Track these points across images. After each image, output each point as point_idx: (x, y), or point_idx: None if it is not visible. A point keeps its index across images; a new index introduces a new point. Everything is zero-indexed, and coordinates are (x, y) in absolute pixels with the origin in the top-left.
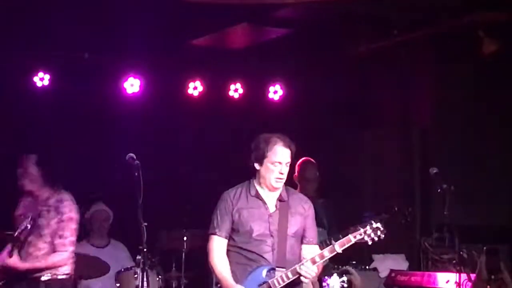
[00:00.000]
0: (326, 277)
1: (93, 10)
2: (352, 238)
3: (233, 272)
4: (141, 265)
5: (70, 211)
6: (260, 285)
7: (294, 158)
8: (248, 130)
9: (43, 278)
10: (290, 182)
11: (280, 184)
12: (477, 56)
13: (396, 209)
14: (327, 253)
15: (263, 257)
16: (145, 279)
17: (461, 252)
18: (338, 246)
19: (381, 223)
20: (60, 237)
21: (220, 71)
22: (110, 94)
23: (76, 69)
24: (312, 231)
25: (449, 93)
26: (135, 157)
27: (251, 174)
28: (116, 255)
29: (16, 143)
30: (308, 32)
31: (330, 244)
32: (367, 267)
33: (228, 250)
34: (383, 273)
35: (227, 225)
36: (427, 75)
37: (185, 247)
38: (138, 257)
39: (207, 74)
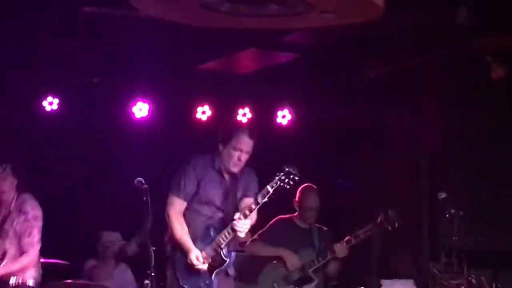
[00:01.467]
0: None
1: (101, 35)
2: (269, 188)
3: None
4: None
5: (33, 209)
6: (209, 243)
7: (302, 182)
8: (256, 155)
9: (10, 282)
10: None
11: (237, 169)
12: (486, 81)
13: (381, 217)
14: (254, 205)
15: (215, 221)
16: None
17: (469, 278)
18: (260, 197)
19: (293, 169)
20: (28, 235)
21: (228, 95)
22: (118, 118)
23: (85, 94)
24: (251, 190)
25: (457, 118)
26: (143, 182)
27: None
28: (123, 279)
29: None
30: (316, 57)
31: (317, 263)
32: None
33: (184, 212)
34: None
35: (190, 190)
36: (436, 100)
37: None
38: (146, 281)
39: (215, 99)
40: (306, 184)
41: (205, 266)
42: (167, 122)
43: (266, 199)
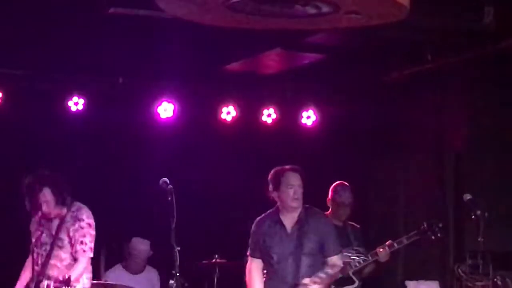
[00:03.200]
0: None
1: (127, 36)
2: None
3: None
4: None
5: (88, 217)
6: None
7: (327, 182)
8: (281, 155)
9: None
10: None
11: (297, 203)
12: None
13: (425, 225)
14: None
15: (288, 273)
16: None
17: (495, 279)
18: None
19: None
20: (81, 243)
21: (253, 96)
22: (143, 119)
23: (110, 94)
24: (330, 246)
25: (483, 118)
26: (168, 182)
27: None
28: (151, 282)
29: (50, 167)
30: (341, 58)
31: (359, 265)
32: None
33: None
34: None
35: (258, 247)
36: (461, 100)
37: (217, 271)
38: (171, 281)
39: (240, 99)
40: (338, 182)
41: None
42: (192, 122)
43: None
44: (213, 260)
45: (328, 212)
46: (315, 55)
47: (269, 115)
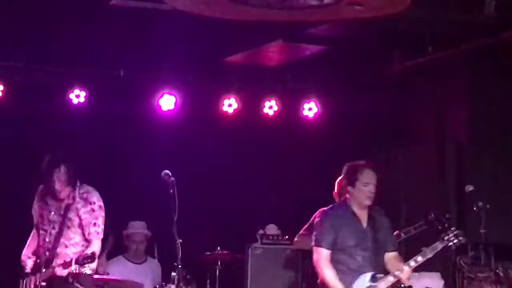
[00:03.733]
0: None
1: (128, 28)
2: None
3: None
4: (175, 282)
5: (98, 200)
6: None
7: (328, 174)
8: (282, 147)
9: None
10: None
11: (370, 201)
12: None
13: (432, 216)
14: (421, 258)
15: (363, 266)
16: None
17: (497, 270)
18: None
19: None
20: (94, 225)
21: (255, 88)
22: (145, 111)
23: (111, 86)
24: (392, 241)
25: (484, 109)
26: (170, 174)
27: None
28: (152, 273)
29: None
30: (343, 50)
31: None
32: (402, 285)
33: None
34: None
35: (330, 239)
36: (462, 92)
37: (219, 264)
38: (173, 273)
39: (242, 91)
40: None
41: None
42: (193, 115)
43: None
44: (215, 252)
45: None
46: (316, 47)
47: (270, 107)
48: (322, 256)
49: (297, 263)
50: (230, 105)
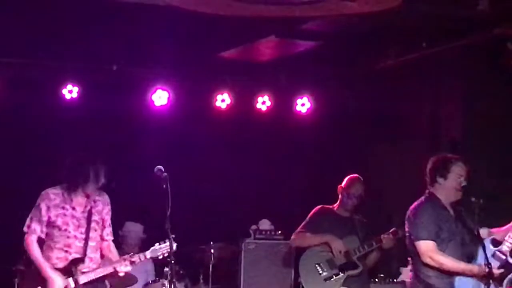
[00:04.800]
0: None
1: (121, 23)
2: None
3: None
4: (168, 277)
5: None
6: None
7: (321, 169)
8: (275, 142)
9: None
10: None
11: (460, 196)
12: (507, 68)
13: None
14: None
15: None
16: None
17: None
18: None
19: None
20: (109, 225)
21: (248, 83)
22: (138, 107)
23: (104, 82)
24: None
25: (478, 105)
26: (163, 170)
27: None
28: (145, 268)
29: (44, 154)
30: (336, 45)
31: (363, 251)
32: (394, 279)
33: None
34: None
35: (434, 231)
36: (457, 87)
37: (212, 259)
38: (166, 269)
39: (235, 87)
40: (354, 174)
41: None
42: (187, 110)
43: None
44: (209, 247)
45: (335, 205)
46: (309, 43)
47: (263, 102)
48: (430, 248)
49: (290, 258)
50: (223, 100)
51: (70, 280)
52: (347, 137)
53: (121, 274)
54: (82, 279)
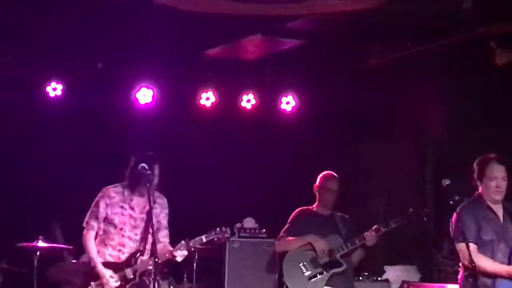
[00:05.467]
0: None
1: (106, 21)
2: None
3: None
4: (152, 275)
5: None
6: None
7: (306, 167)
8: (260, 140)
9: None
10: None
11: (499, 196)
12: (490, 67)
13: (411, 210)
14: None
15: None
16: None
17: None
18: None
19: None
20: (166, 228)
21: (233, 81)
22: (123, 104)
23: (89, 79)
24: None
25: (462, 104)
26: (147, 167)
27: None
28: None
29: (30, 151)
30: (321, 44)
31: (346, 249)
32: (379, 278)
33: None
34: (395, 285)
35: (474, 232)
36: (440, 87)
37: (196, 257)
38: (150, 267)
39: (220, 85)
40: (327, 171)
41: None
42: (171, 108)
43: None
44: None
45: (315, 205)
46: (294, 41)
47: (248, 100)
48: (467, 251)
49: (275, 257)
50: (208, 98)
51: (127, 270)
52: (332, 135)
53: (179, 259)
54: (140, 268)
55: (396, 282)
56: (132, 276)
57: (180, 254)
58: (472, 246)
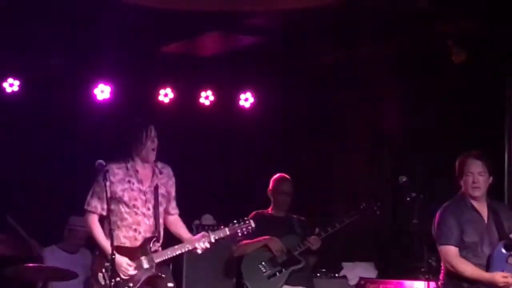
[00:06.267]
0: None
1: (64, 17)
2: None
3: None
4: (109, 272)
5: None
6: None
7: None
8: (219, 137)
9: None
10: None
11: (477, 192)
12: (446, 66)
13: (363, 205)
14: None
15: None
16: (112, 285)
17: (429, 261)
18: None
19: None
20: (174, 198)
21: (191, 78)
22: (80, 101)
23: (47, 75)
24: None
25: (417, 102)
26: (104, 164)
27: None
28: (85, 262)
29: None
30: (279, 41)
31: (302, 248)
32: (336, 274)
33: None
34: (353, 281)
35: (456, 235)
36: (396, 85)
37: None
38: (106, 264)
39: (178, 81)
40: (279, 174)
41: None
42: (129, 104)
43: None
44: None
45: (269, 208)
46: (253, 38)
47: (206, 97)
48: (450, 254)
49: (233, 256)
50: (166, 95)
51: (143, 259)
52: (290, 132)
53: (199, 251)
54: (157, 257)
55: (353, 278)
56: (148, 267)
57: (202, 247)
58: (454, 249)
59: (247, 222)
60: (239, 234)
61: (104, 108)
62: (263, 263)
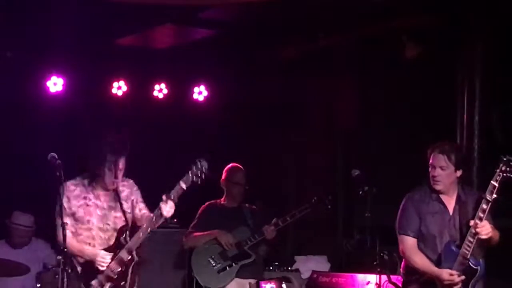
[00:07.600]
0: (263, 285)
1: (15, 8)
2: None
3: None
4: (61, 265)
5: None
6: (457, 255)
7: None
8: (172, 130)
9: None
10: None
11: (438, 186)
12: (400, 60)
13: (315, 199)
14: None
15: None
16: (65, 279)
17: (382, 254)
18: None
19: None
20: (141, 201)
21: (144, 71)
22: (33, 93)
23: None
24: None
25: (373, 96)
26: (57, 157)
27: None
28: (36, 255)
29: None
30: (234, 34)
31: (253, 241)
32: (289, 268)
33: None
34: (305, 274)
35: (415, 225)
36: (352, 78)
37: None
38: (59, 257)
39: (131, 74)
40: (232, 164)
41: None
42: (82, 97)
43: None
44: None
45: (222, 198)
46: (207, 31)
47: (160, 90)
48: (405, 244)
49: (185, 250)
50: (119, 87)
51: (123, 252)
52: (244, 125)
53: (169, 214)
54: (134, 245)
55: (306, 271)
56: (130, 257)
57: (167, 209)
58: (410, 239)
59: (198, 163)
60: (195, 180)
61: (57, 101)
62: (213, 256)
